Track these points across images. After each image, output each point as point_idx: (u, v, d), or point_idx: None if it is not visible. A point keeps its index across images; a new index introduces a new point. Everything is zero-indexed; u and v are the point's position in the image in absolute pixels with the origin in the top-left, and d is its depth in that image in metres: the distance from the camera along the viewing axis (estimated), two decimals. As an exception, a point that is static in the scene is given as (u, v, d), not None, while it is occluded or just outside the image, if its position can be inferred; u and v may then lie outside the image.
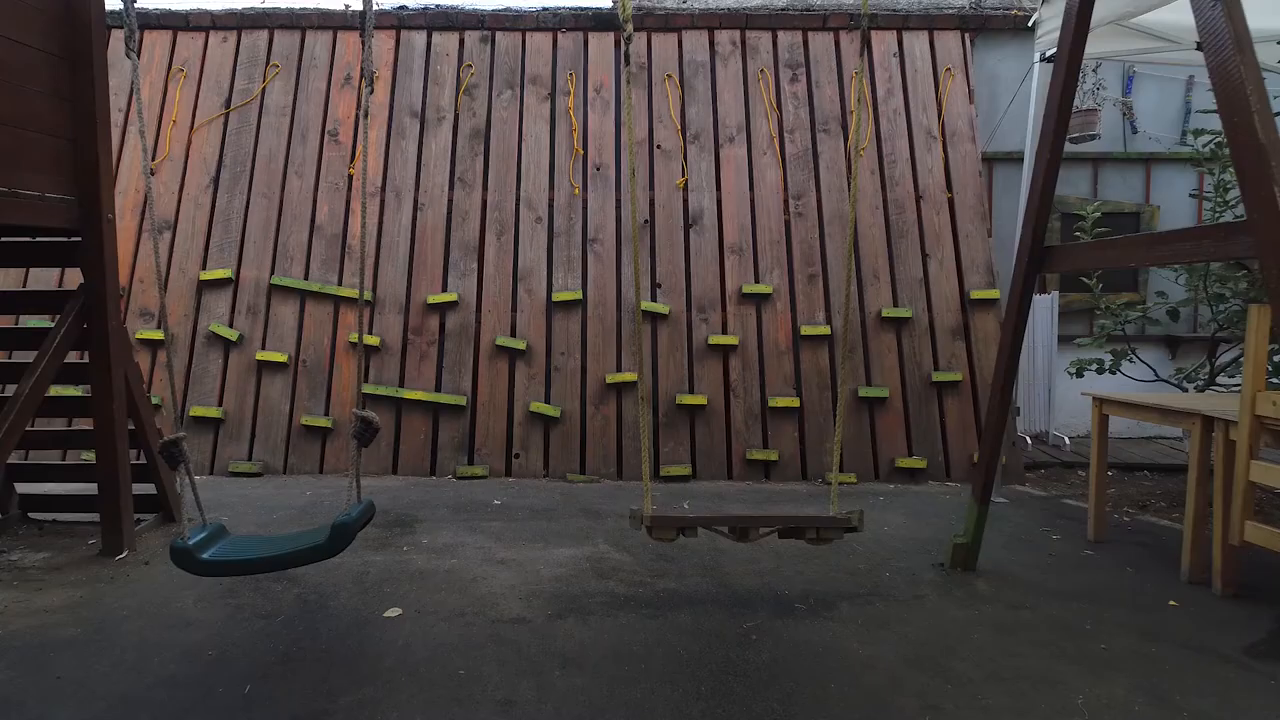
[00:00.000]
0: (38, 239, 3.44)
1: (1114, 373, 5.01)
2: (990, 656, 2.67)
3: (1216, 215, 4.55)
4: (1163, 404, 3.58)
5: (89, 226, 3.31)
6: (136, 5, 3.26)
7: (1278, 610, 3.06)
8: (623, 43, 2.65)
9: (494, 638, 2.75)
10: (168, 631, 2.78)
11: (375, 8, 6.40)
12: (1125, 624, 2.94)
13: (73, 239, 3.35)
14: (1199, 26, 2.16)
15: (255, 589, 3.15)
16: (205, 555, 2.38)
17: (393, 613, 2.95)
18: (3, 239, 3.46)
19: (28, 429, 3.28)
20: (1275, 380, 4.25)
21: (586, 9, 6.28)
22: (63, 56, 3.22)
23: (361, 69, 2.93)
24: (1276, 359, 4.28)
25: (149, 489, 3.88)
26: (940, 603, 3.14)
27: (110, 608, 2.97)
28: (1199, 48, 4.77)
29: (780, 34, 6.20)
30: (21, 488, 4.04)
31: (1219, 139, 4.62)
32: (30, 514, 4.03)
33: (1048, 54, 4.83)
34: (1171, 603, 3.17)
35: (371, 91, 2.82)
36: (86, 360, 3.43)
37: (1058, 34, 4.58)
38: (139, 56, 3.67)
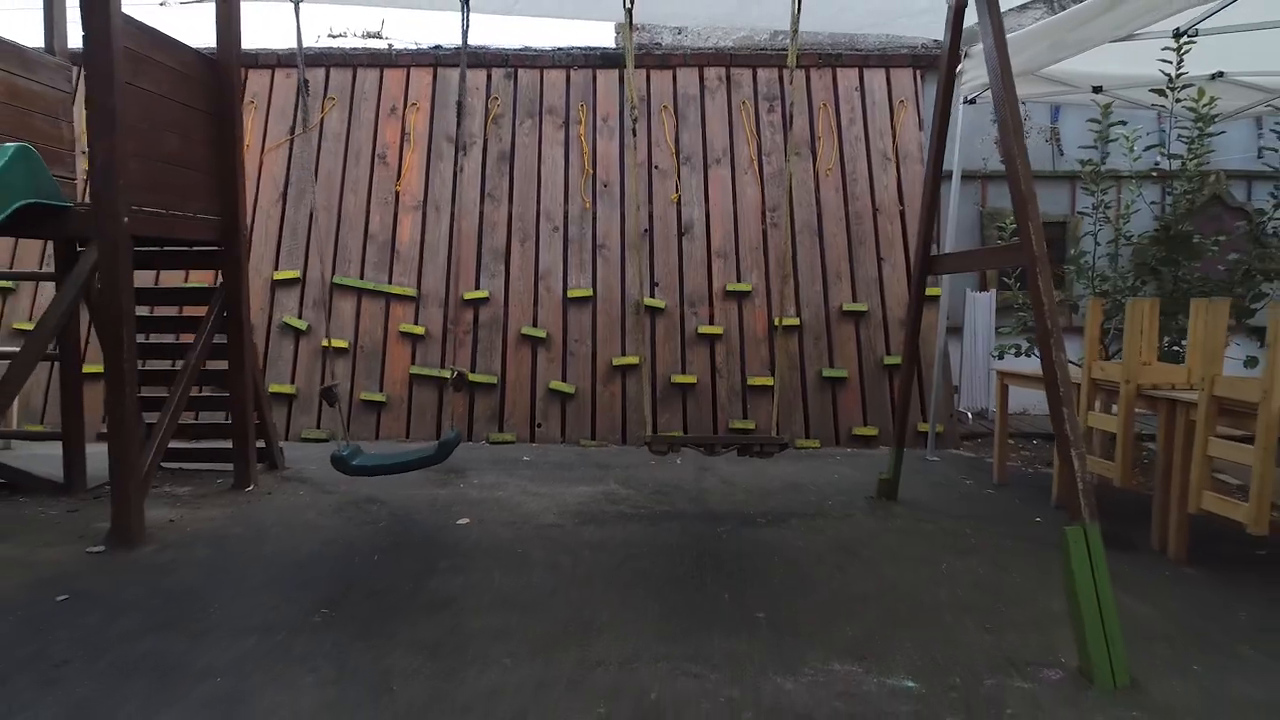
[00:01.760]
0: (193, 248, 4.53)
1: (1029, 356, 6.11)
2: (890, 547, 3.77)
3: (1098, 226, 5.64)
4: (1019, 370, 4.69)
5: (229, 239, 4.41)
6: (206, 48, 4.30)
7: (1108, 526, 4.16)
8: (624, 79, 3.74)
9: (537, 534, 3.86)
10: (304, 531, 3.88)
11: (415, 47, 7.53)
12: (996, 531, 4.04)
13: (216, 248, 4.45)
14: (997, 120, 3.23)
15: (357, 508, 4.25)
16: (354, 462, 3.47)
17: (462, 521, 4.05)
18: (171, 249, 4.55)
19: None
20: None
21: (595, 49, 7.38)
22: (212, 113, 4.31)
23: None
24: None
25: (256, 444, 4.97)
26: (864, 519, 4.24)
27: (256, 518, 4.07)
28: (1095, 91, 5.91)
29: (760, 71, 7.30)
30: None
31: (1097, 165, 5.67)
32: (161, 464, 5.12)
33: (969, 96, 5.92)
34: (1036, 519, 4.27)
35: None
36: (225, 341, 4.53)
37: (977, 81, 5.71)
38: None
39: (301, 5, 4.57)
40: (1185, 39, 4.58)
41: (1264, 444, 3.07)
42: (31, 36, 4.31)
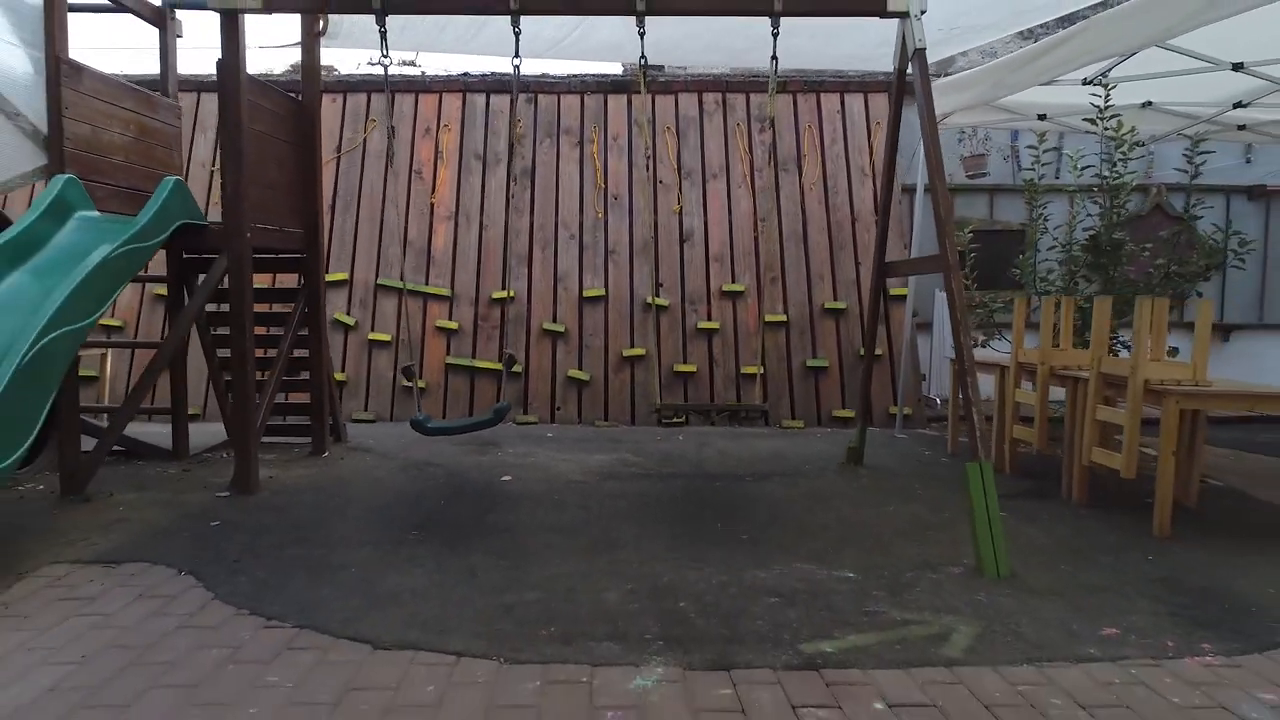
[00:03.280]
0: (280, 255, 5.46)
1: (983, 346, 7.04)
2: (850, 496, 4.71)
3: (1039, 234, 6.58)
4: (981, 359, 5.62)
5: (310, 248, 5.35)
6: (262, 75, 5.24)
7: (1033, 483, 5.10)
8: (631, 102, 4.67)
9: (568, 487, 4.79)
10: (377, 484, 4.81)
11: (445, 74, 8.46)
12: (939, 487, 4.96)
13: (300, 255, 5.38)
14: (927, 167, 4.14)
15: (417, 469, 5.17)
16: (430, 425, 4.40)
17: (505, 478, 4.99)
18: (264, 256, 5.48)
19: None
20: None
21: (606, 76, 8.31)
22: (297, 144, 5.25)
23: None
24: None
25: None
26: (833, 478, 5.17)
27: (337, 475, 5.00)
28: (1040, 118, 6.83)
29: (752, 95, 8.23)
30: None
31: (1035, 183, 6.59)
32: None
33: (940, 118, 6.84)
34: (975, 478, 5.19)
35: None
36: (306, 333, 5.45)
37: (939, 111, 6.63)
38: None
39: (333, 30, 5.51)
40: (1099, 81, 5.52)
41: (1132, 409, 4.00)
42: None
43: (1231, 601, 3.15)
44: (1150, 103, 6.53)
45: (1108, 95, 5.73)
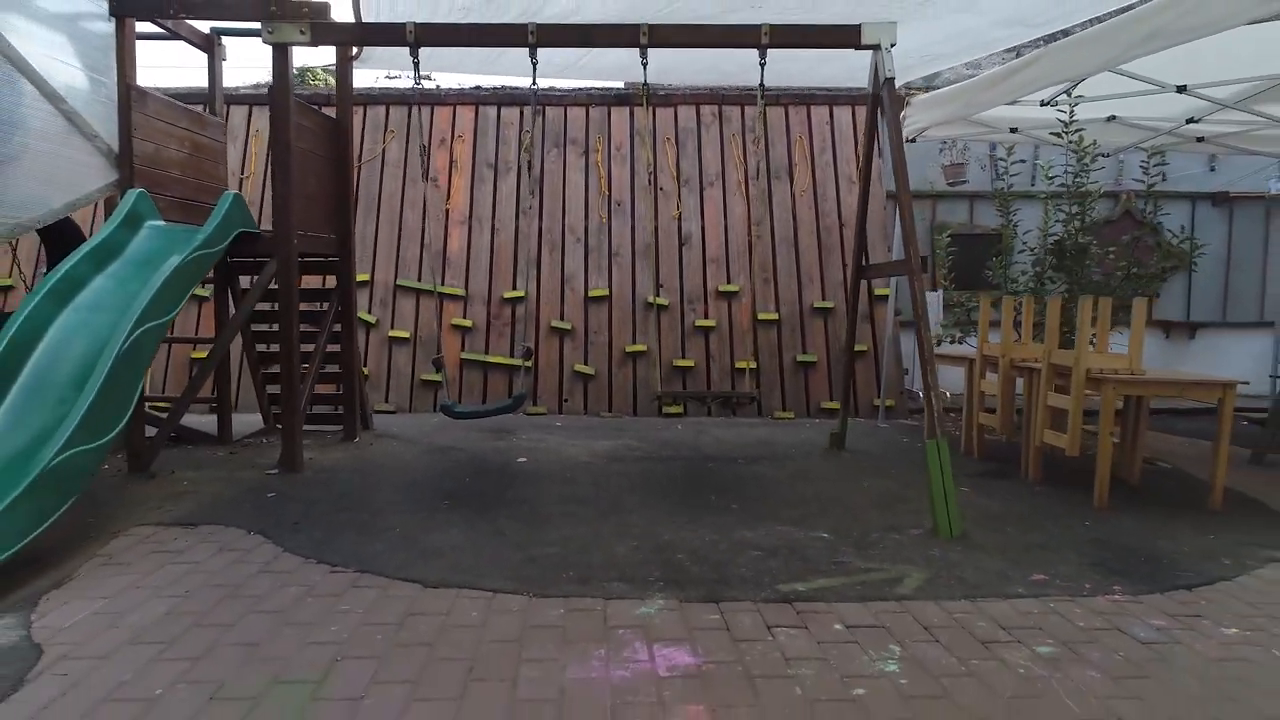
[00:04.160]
0: (316, 259, 6.02)
1: (960, 342, 7.59)
2: (831, 473, 5.25)
3: (1011, 237, 7.13)
4: (948, 353, 6.17)
5: (342, 253, 5.90)
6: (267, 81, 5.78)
7: (996, 465, 5.64)
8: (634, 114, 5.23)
9: (578, 466, 5.34)
10: (407, 464, 5.36)
11: (458, 88, 9.00)
12: (912, 468, 5.51)
13: (334, 259, 5.94)
14: (896, 183, 4.69)
15: (440, 453, 5.72)
16: (457, 410, 4.95)
17: (521, 460, 5.54)
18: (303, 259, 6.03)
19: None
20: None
21: (610, 89, 8.86)
22: (332, 158, 5.80)
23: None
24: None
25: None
26: (818, 460, 5.72)
27: (370, 457, 5.55)
28: (1012, 130, 7.38)
29: (747, 108, 8.78)
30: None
31: (1004, 192, 7.14)
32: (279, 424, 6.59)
33: (910, 137, 7.40)
34: (945, 461, 5.74)
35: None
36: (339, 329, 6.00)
37: (915, 126, 7.18)
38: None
39: (365, 54, 6.06)
40: (1054, 102, 6.07)
41: (1075, 394, 4.55)
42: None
43: (1149, 556, 3.70)
44: (1114, 117, 7.08)
45: (1072, 111, 6.29)
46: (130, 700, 2.30)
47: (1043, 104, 6.02)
